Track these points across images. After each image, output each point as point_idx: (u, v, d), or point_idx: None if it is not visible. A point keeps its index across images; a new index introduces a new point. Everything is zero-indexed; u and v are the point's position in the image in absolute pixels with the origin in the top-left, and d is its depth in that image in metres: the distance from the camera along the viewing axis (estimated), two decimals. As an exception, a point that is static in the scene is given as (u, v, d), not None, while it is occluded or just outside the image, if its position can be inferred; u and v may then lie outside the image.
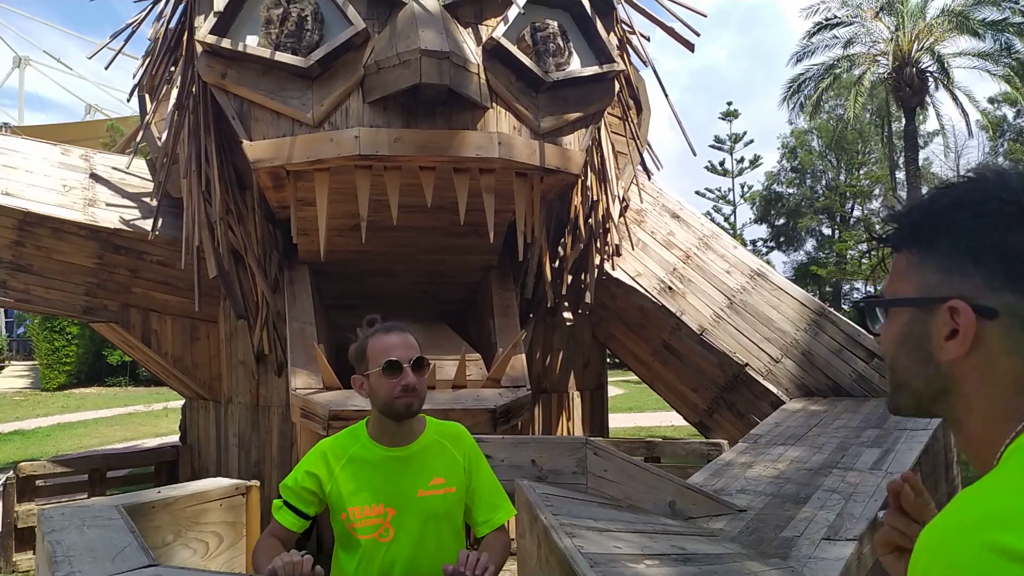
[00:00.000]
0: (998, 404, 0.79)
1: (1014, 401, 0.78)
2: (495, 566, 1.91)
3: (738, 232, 39.16)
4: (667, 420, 13.70)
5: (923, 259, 0.84)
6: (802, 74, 24.44)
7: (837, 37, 23.64)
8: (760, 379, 6.70)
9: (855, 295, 41.19)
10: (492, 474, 2.18)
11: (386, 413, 2.04)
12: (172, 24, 5.83)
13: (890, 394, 0.92)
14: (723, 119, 38.64)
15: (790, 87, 24.72)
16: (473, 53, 4.68)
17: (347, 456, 2.06)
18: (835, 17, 23.30)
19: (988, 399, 0.80)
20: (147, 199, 6.86)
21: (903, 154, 24.15)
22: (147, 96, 6.39)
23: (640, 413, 15.73)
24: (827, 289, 38.90)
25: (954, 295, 0.80)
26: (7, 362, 27.48)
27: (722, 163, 39.60)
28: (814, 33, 23.51)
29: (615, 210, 6.53)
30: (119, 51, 6.45)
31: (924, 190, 30.40)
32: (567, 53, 5.15)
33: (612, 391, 10.27)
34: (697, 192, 40.80)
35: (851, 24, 23.36)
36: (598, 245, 6.61)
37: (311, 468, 2.07)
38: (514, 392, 4.96)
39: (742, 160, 39.40)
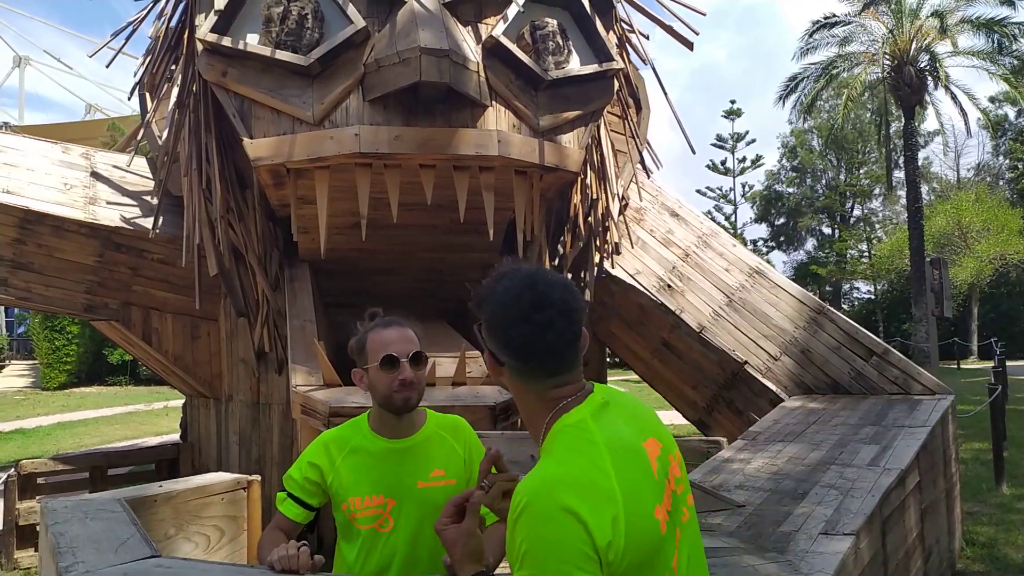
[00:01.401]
0: (526, 406, 1.44)
1: (534, 406, 1.42)
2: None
3: (739, 232, 39.13)
4: (666, 418, 13.54)
5: (482, 326, 1.44)
6: (799, 74, 24.40)
7: (835, 36, 23.63)
8: (759, 377, 6.71)
9: (855, 294, 41.26)
10: (492, 466, 2.19)
11: (385, 407, 2.07)
12: (173, 23, 5.85)
13: None
14: (726, 117, 38.57)
15: (786, 87, 24.68)
16: (473, 51, 4.69)
17: (349, 447, 2.09)
18: (833, 15, 23.27)
19: (522, 403, 1.45)
20: (148, 197, 6.87)
21: (902, 153, 24.11)
22: (148, 94, 6.41)
23: (640, 412, 15.67)
24: (827, 288, 38.92)
25: (487, 349, 1.43)
26: (8, 361, 27.46)
27: (723, 162, 39.53)
28: (813, 32, 23.48)
29: (615, 208, 6.54)
30: (119, 50, 6.46)
31: (924, 189, 30.45)
32: (566, 51, 5.15)
33: (612, 389, 10.23)
34: (698, 191, 40.79)
35: (849, 24, 23.33)
36: (597, 243, 6.62)
37: (313, 459, 2.09)
38: (514, 389, 4.96)
39: (743, 159, 39.35)
